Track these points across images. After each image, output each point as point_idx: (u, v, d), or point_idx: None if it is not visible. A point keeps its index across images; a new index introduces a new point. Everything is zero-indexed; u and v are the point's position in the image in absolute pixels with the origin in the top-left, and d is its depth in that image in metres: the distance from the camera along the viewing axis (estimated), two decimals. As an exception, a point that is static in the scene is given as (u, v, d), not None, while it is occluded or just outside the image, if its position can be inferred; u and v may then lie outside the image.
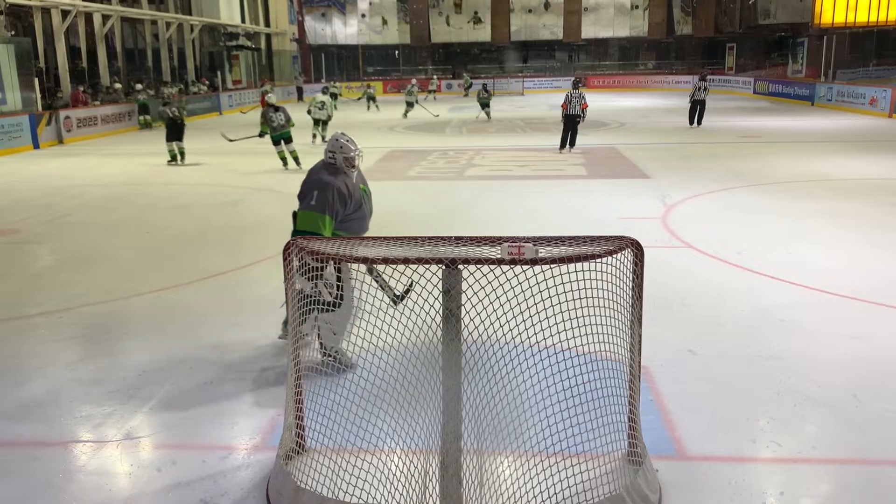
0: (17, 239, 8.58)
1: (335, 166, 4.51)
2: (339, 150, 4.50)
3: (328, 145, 4.57)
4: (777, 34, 36.09)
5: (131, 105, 23.09)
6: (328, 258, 3.02)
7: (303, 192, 4.48)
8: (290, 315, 3.34)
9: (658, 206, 9.51)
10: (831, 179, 11.44)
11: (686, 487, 3.30)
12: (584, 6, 42.83)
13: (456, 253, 2.95)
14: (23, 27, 21.99)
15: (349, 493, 3.06)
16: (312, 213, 4.35)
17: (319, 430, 3.29)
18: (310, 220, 4.35)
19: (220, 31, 33.17)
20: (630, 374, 3.26)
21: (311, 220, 4.35)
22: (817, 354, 4.74)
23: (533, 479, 2.99)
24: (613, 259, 3.04)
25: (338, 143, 4.51)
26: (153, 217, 9.70)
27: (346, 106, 30.71)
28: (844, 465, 3.53)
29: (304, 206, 4.40)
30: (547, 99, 34.11)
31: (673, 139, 17.53)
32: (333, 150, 4.51)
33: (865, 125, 19.78)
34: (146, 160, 15.73)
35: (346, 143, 4.52)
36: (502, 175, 12.56)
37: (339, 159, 4.51)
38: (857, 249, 7.30)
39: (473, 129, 21.23)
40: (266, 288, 6.18)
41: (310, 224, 4.34)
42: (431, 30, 43.22)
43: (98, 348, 5.19)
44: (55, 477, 3.50)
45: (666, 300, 5.68)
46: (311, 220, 4.35)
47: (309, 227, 4.34)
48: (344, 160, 4.50)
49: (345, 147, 4.51)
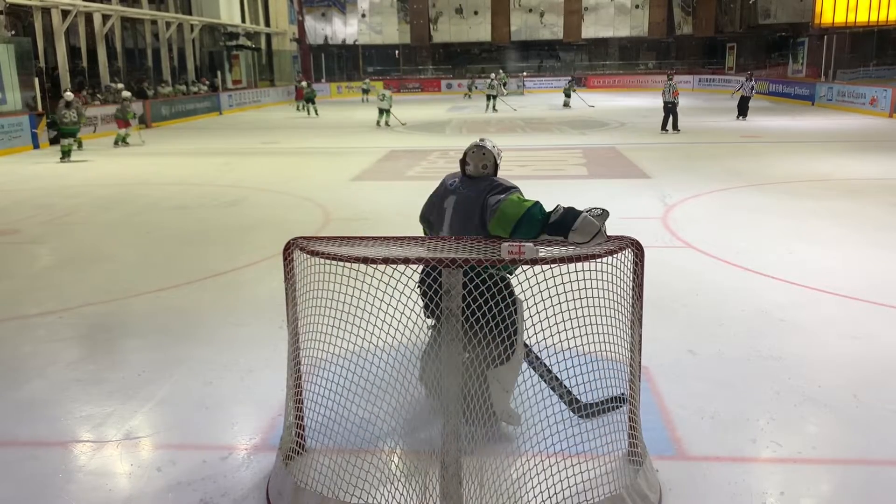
0: (17, 239, 8.58)
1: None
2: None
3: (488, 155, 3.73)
4: (777, 34, 36.10)
5: (131, 105, 23.05)
6: (328, 258, 3.01)
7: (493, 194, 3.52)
8: (290, 315, 3.34)
9: (658, 206, 9.51)
10: (831, 179, 11.44)
11: (686, 487, 3.30)
12: (585, 6, 42.85)
13: (456, 253, 2.95)
14: (23, 27, 21.97)
15: (349, 493, 3.06)
16: (512, 196, 3.43)
17: (319, 430, 3.29)
18: (516, 204, 3.37)
19: (220, 30, 33.17)
20: (630, 374, 3.26)
21: (516, 203, 3.37)
22: (817, 354, 4.74)
23: (533, 479, 2.99)
24: (613, 259, 3.04)
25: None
26: (153, 217, 9.69)
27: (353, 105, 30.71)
28: (844, 465, 3.52)
29: (505, 194, 3.47)
30: (547, 99, 34.11)
31: (673, 139, 17.52)
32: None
33: (866, 125, 19.78)
34: (146, 160, 15.73)
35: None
36: (502, 175, 12.53)
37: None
38: (857, 249, 7.30)
39: (474, 129, 21.22)
40: (266, 288, 6.18)
41: (518, 206, 3.35)
42: (431, 30, 43.22)
43: (98, 348, 5.19)
44: (55, 477, 3.50)
45: (666, 300, 5.68)
46: (516, 203, 3.37)
47: (517, 210, 3.34)
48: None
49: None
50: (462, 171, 3.74)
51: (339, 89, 40.78)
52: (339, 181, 12.23)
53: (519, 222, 3.27)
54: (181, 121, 25.36)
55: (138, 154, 16.98)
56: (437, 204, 3.73)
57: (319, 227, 8.79)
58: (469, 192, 3.58)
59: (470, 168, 3.69)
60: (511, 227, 3.29)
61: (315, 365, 3.24)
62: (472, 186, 3.61)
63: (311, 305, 3.17)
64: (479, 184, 3.61)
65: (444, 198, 3.67)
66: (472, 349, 3.09)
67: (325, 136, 19.96)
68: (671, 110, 18.41)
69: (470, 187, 3.61)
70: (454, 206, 3.60)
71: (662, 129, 18.62)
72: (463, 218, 3.55)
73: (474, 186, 3.60)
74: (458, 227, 3.56)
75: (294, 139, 18.07)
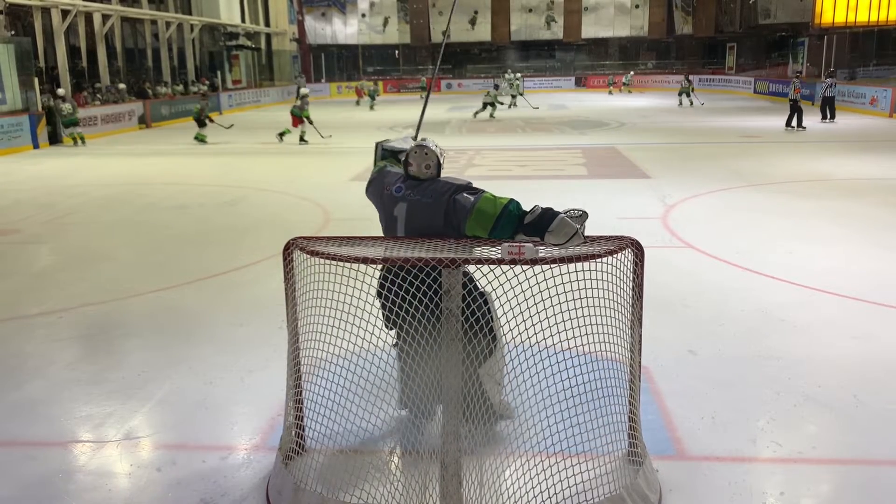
0: (17, 239, 8.58)
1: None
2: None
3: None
4: (777, 34, 36.09)
5: (131, 105, 23.08)
6: (328, 258, 3.01)
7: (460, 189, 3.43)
8: (290, 315, 3.34)
9: (658, 205, 9.51)
10: (831, 179, 11.44)
11: (686, 487, 3.30)
12: (584, 6, 42.85)
13: (456, 253, 2.95)
14: (23, 27, 21.98)
15: (349, 493, 3.06)
16: (485, 194, 3.35)
17: (319, 430, 3.29)
18: (491, 201, 3.29)
19: (220, 30, 33.18)
20: (630, 374, 3.26)
21: (491, 201, 3.30)
22: (817, 354, 4.74)
23: (533, 479, 2.99)
24: (613, 259, 3.04)
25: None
26: (153, 217, 9.69)
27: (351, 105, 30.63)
28: (844, 465, 3.52)
29: (476, 195, 3.36)
30: (547, 99, 34.11)
31: (673, 139, 17.53)
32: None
33: (865, 125, 19.78)
34: (146, 160, 15.73)
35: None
36: (502, 175, 12.55)
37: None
38: (857, 249, 7.29)
39: (473, 128, 21.22)
40: (266, 288, 6.18)
41: (494, 203, 3.28)
42: (431, 30, 43.22)
43: (98, 348, 5.19)
44: (55, 477, 3.50)
45: (666, 300, 5.68)
46: (491, 201, 3.30)
47: (494, 207, 3.28)
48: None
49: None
50: (405, 171, 3.54)
51: (338, 89, 40.79)
52: (339, 181, 12.22)
53: (497, 219, 3.20)
54: (181, 121, 25.34)
55: (138, 154, 16.99)
56: (386, 209, 3.55)
57: (319, 227, 8.79)
58: (422, 199, 3.39)
59: (413, 168, 3.49)
60: (490, 225, 3.21)
61: (315, 365, 3.24)
62: (422, 191, 3.41)
63: (311, 305, 3.17)
64: (431, 186, 3.41)
65: (394, 205, 3.48)
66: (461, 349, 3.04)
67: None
68: (796, 108, 18.66)
69: (421, 192, 3.41)
70: (407, 214, 3.43)
71: (787, 127, 19.02)
72: (420, 224, 3.39)
73: (426, 190, 3.41)
74: (417, 234, 3.40)
75: (294, 139, 18.04)
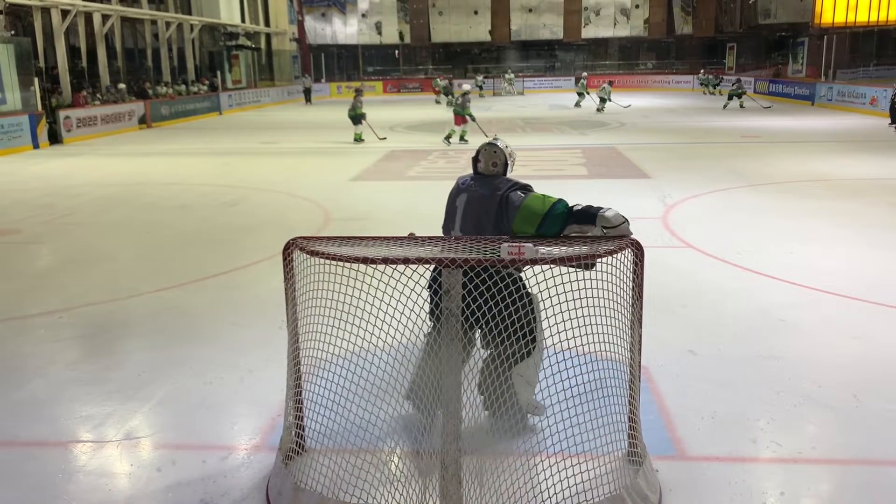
0: (17, 239, 8.58)
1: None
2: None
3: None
4: (777, 34, 36.09)
5: (132, 105, 23.08)
6: (328, 258, 3.01)
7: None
8: (290, 315, 3.34)
9: (658, 206, 9.51)
10: (831, 179, 11.44)
11: (686, 487, 3.30)
12: (584, 6, 42.83)
13: (456, 253, 2.95)
14: (23, 27, 21.97)
15: (349, 493, 3.06)
16: (534, 193, 3.54)
17: (319, 430, 3.29)
18: (539, 199, 3.47)
19: (219, 30, 33.15)
20: (630, 374, 3.26)
21: (539, 199, 3.47)
22: (817, 354, 4.74)
23: (533, 479, 2.99)
24: (613, 259, 3.04)
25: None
26: (153, 217, 9.69)
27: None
28: (844, 465, 3.52)
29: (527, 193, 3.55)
30: (547, 99, 34.11)
31: (673, 139, 17.53)
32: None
33: (865, 125, 19.78)
34: (146, 160, 15.73)
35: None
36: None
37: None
38: (857, 249, 7.30)
39: (473, 128, 21.20)
40: (266, 288, 6.18)
41: (542, 201, 3.45)
42: (431, 30, 43.20)
43: (98, 348, 5.19)
44: (55, 477, 3.50)
45: (666, 300, 5.68)
46: (539, 199, 3.47)
47: (543, 205, 3.44)
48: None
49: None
50: (474, 168, 3.80)
51: (338, 89, 40.78)
52: (339, 181, 12.22)
53: (544, 218, 3.35)
54: (181, 121, 25.36)
55: (138, 154, 16.99)
56: (450, 201, 3.77)
57: (319, 227, 8.79)
58: (481, 190, 3.61)
59: (481, 165, 3.74)
60: (537, 223, 3.36)
61: (315, 365, 3.24)
62: (483, 184, 3.63)
63: (311, 305, 3.17)
64: (491, 182, 3.62)
65: (457, 196, 3.72)
66: (494, 347, 3.22)
67: (325, 135, 19.95)
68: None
69: (482, 185, 3.63)
70: (465, 204, 3.65)
71: (891, 124, 18.92)
72: (476, 215, 3.58)
73: (486, 184, 3.62)
74: (471, 225, 3.58)
75: (294, 139, 18.08)
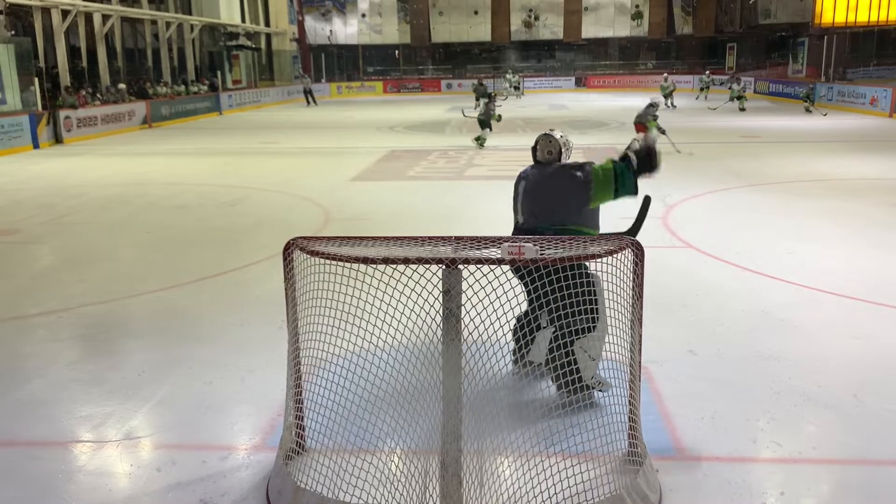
0: (17, 239, 8.58)
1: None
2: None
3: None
4: (777, 34, 36.08)
5: (132, 105, 23.08)
6: (328, 258, 3.02)
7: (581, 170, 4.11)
8: (290, 315, 3.34)
9: (658, 206, 9.50)
10: (831, 179, 11.44)
11: (686, 487, 3.30)
12: (585, 6, 42.82)
13: (456, 253, 2.95)
14: (23, 27, 21.97)
15: (349, 494, 3.06)
16: (592, 168, 4.07)
17: (319, 430, 3.29)
18: (598, 171, 4.06)
19: (220, 30, 33.15)
20: (630, 374, 3.26)
21: (598, 171, 4.06)
22: (817, 354, 4.74)
23: (533, 479, 2.99)
24: (613, 259, 3.05)
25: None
26: (153, 217, 9.70)
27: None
28: (844, 465, 3.52)
29: (585, 171, 4.06)
30: (547, 99, 34.11)
31: (673, 139, 17.50)
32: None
33: (865, 125, 19.77)
34: (146, 160, 15.73)
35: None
36: (502, 175, 12.52)
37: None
38: (857, 249, 7.29)
39: (473, 129, 21.19)
40: (266, 288, 6.18)
41: (604, 171, 4.05)
42: (431, 30, 43.20)
43: (98, 348, 5.19)
44: (55, 477, 3.50)
45: (666, 300, 5.68)
46: (598, 171, 4.06)
47: (606, 174, 4.05)
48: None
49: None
50: (533, 157, 4.26)
51: (339, 89, 40.79)
52: (339, 181, 12.22)
53: (616, 178, 3.99)
54: (181, 121, 25.35)
55: (138, 154, 16.98)
56: (514, 191, 4.23)
57: (319, 227, 8.79)
58: (540, 173, 4.11)
59: (539, 154, 4.22)
60: (613, 186, 3.99)
61: (315, 365, 3.24)
62: (541, 171, 4.13)
63: (311, 305, 3.17)
64: (547, 168, 4.12)
65: (518, 184, 4.21)
66: (559, 324, 3.49)
67: (325, 136, 19.97)
68: None
69: (540, 171, 4.13)
70: (525, 189, 4.13)
71: None
72: (540, 194, 4.05)
73: (546, 168, 4.13)
74: (533, 204, 4.05)
75: (294, 139, 18.08)
